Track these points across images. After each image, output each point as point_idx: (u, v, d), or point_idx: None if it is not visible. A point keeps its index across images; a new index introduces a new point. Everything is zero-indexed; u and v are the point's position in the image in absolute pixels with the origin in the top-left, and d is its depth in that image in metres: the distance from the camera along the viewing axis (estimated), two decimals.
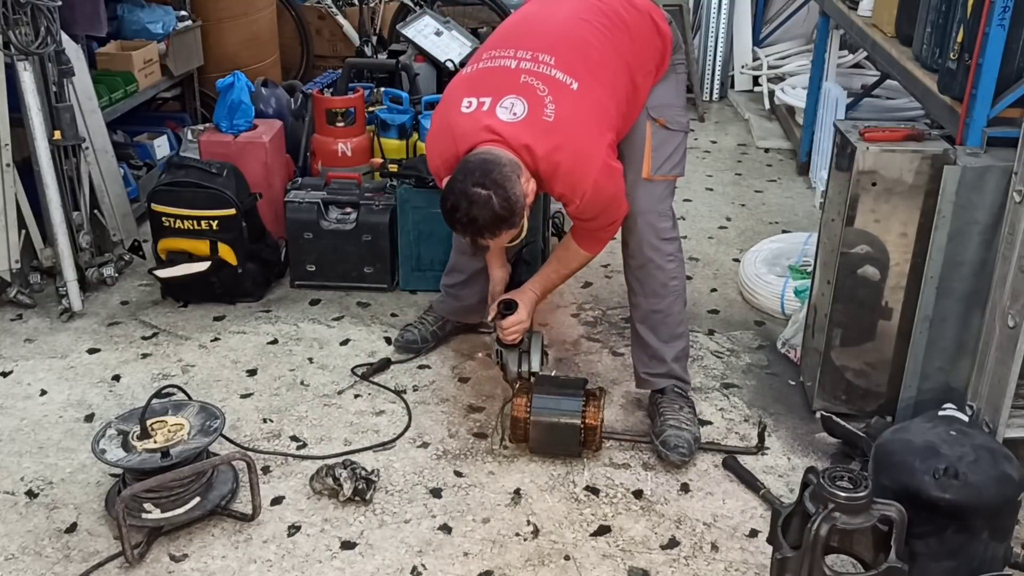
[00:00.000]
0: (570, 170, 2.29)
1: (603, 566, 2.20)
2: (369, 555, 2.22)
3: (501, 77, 2.32)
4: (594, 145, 2.31)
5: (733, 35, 6.02)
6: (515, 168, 2.24)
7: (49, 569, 2.18)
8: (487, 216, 2.21)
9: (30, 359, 3.03)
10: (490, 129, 2.26)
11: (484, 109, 2.29)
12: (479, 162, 2.24)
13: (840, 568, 1.99)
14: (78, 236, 3.34)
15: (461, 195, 2.22)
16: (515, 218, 2.25)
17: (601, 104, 2.33)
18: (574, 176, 2.30)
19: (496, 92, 2.30)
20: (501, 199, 2.20)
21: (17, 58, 3.05)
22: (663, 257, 2.57)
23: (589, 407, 2.47)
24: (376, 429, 2.68)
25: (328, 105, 3.74)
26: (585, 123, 2.30)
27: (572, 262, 2.63)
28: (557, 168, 2.28)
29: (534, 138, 2.25)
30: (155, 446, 2.21)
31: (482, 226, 2.24)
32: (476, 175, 2.21)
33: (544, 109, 2.26)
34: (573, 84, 2.29)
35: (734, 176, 4.72)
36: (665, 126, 2.52)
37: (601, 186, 2.33)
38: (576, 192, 2.32)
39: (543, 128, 2.25)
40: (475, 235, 2.28)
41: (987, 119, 2.31)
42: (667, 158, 2.53)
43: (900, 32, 3.16)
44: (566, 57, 2.32)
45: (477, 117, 2.29)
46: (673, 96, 2.57)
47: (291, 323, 3.26)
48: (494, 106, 2.28)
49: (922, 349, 2.45)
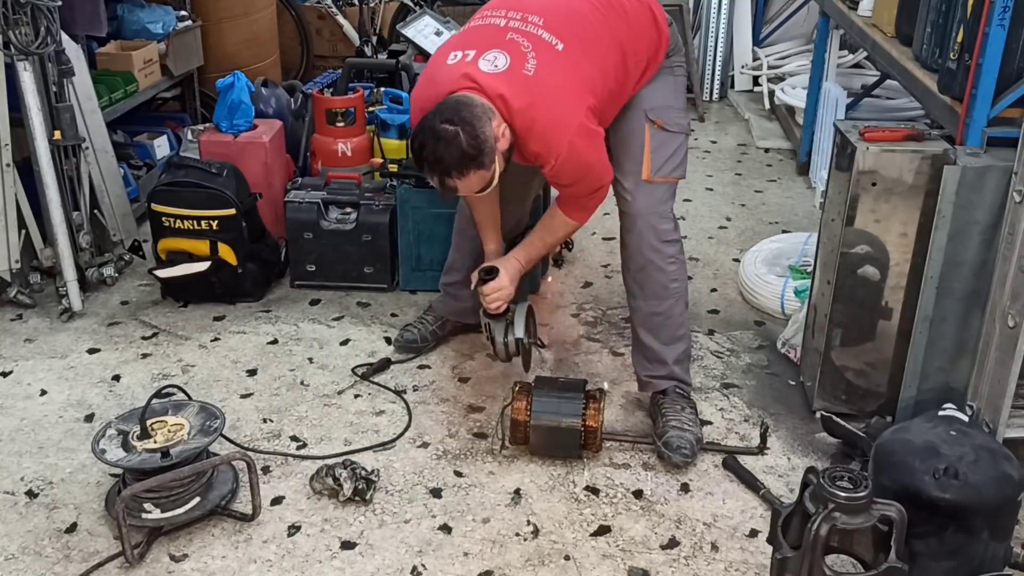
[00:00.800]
0: (545, 128, 2.29)
1: (603, 566, 2.20)
2: (369, 555, 2.22)
3: (489, 33, 2.36)
4: (572, 105, 2.30)
5: (733, 35, 6.02)
6: (487, 111, 2.24)
7: (49, 569, 2.18)
8: (454, 153, 2.21)
9: (30, 359, 3.03)
10: (468, 76, 2.27)
11: (467, 60, 2.30)
12: (451, 102, 2.25)
13: (840, 568, 1.99)
14: (78, 236, 3.34)
15: (429, 132, 2.23)
16: (483, 158, 2.24)
17: (584, 70, 2.33)
18: (549, 135, 2.29)
19: (481, 46, 2.32)
20: (469, 136, 2.20)
21: (17, 58, 3.05)
22: (664, 259, 2.57)
23: (589, 409, 2.47)
24: (376, 429, 2.68)
25: (328, 105, 3.74)
26: (565, 83, 2.30)
27: (558, 230, 2.61)
28: (532, 124, 2.28)
29: (511, 90, 2.26)
30: (155, 446, 2.21)
31: (449, 164, 2.23)
32: (445, 113, 2.22)
33: (525, 64, 2.27)
34: (559, 45, 2.31)
35: (734, 176, 4.72)
36: (663, 128, 2.51)
37: (577, 147, 2.31)
38: (551, 151, 2.31)
39: (522, 82, 2.26)
40: (442, 174, 2.27)
41: (987, 119, 2.31)
42: (667, 160, 2.53)
43: (900, 32, 3.16)
44: (556, 21, 2.34)
45: (459, 66, 2.31)
46: (672, 98, 2.56)
47: (291, 323, 3.26)
48: (477, 58, 2.30)
49: (922, 349, 2.45)
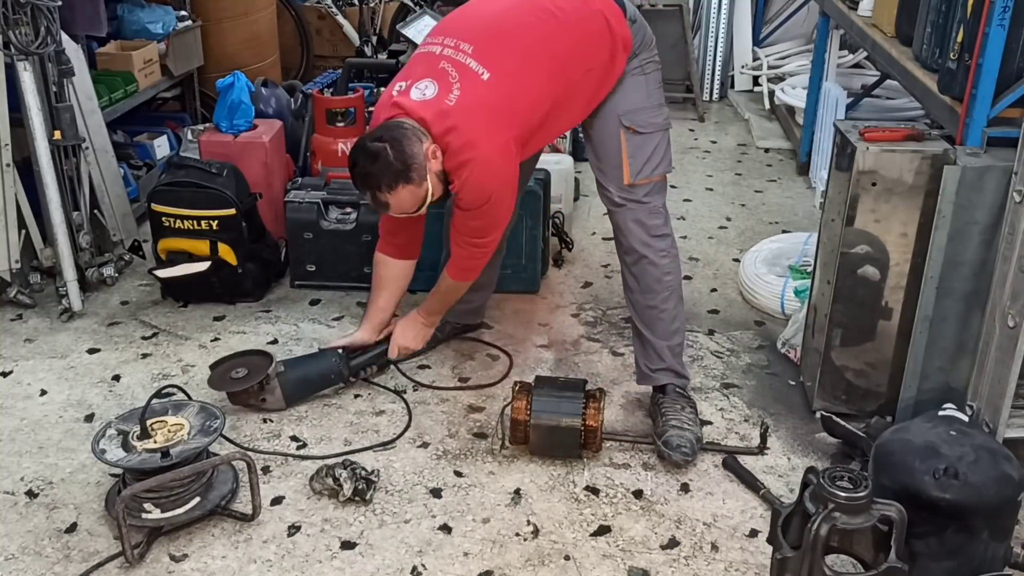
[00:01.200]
0: (457, 151, 2.37)
1: (603, 566, 2.20)
2: (369, 555, 2.22)
3: (425, 62, 2.44)
4: (486, 134, 2.37)
5: (733, 35, 6.02)
6: (416, 132, 2.36)
7: (49, 569, 2.18)
8: (381, 167, 2.34)
9: (30, 359, 3.03)
10: (397, 104, 2.41)
11: (402, 90, 2.42)
12: (383, 125, 2.40)
13: (840, 568, 1.99)
14: (78, 236, 3.34)
15: (360, 149, 2.39)
16: (411, 173, 2.35)
17: (509, 99, 2.38)
18: (460, 157, 2.37)
19: (416, 76, 2.42)
20: (396, 151, 2.32)
21: (17, 58, 3.05)
22: (656, 253, 2.59)
23: (589, 409, 2.47)
24: (376, 429, 2.68)
25: (328, 105, 3.74)
26: (483, 112, 2.37)
27: (448, 294, 2.78)
28: (448, 147, 2.37)
29: (432, 117, 2.36)
30: (155, 446, 2.21)
31: (378, 178, 2.36)
32: (376, 133, 2.39)
33: (449, 94, 2.36)
34: (484, 75, 2.36)
35: (734, 176, 4.73)
36: (637, 131, 2.52)
37: (481, 178, 2.39)
38: (458, 172, 2.39)
39: (441, 111, 2.35)
40: (373, 188, 2.40)
41: (987, 119, 2.31)
42: (646, 162, 2.53)
43: (900, 32, 3.16)
44: (485, 48, 2.39)
45: (393, 97, 2.43)
46: (643, 99, 2.54)
47: (291, 323, 3.26)
48: (410, 87, 2.41)
49: (922, 349, 2.45)
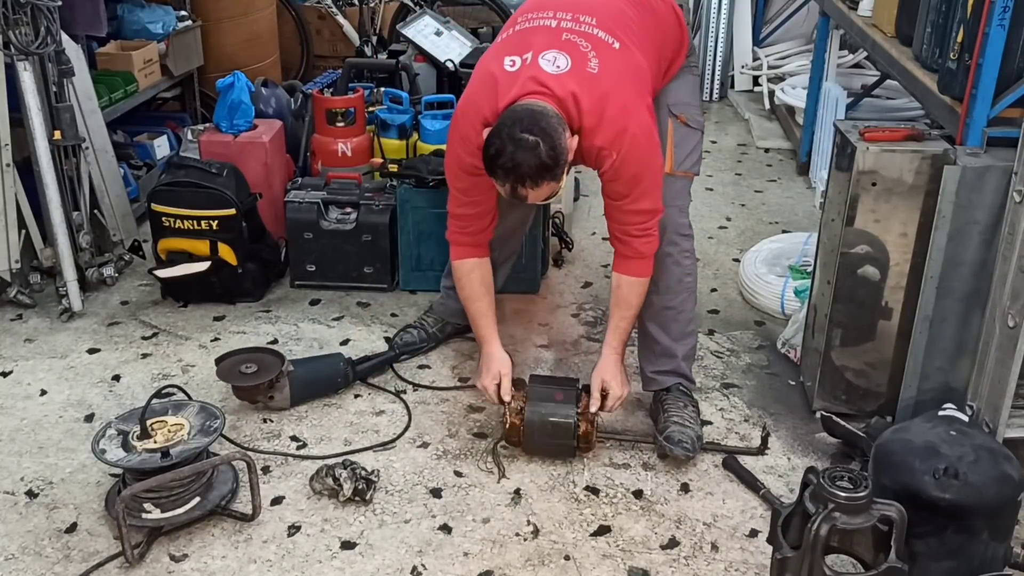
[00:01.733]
0: (614, 119, 2.27)
1: (603, 566, 2.20)
2: (369, 555, 2.22)
3: (542, 35, 2.33)
4: (636, 101, 2.32)
5: (733, 35, 6.02)
6: (561, 122, 2.23)
7: (49, 569, 2.18)
8: (533, 162, 2.19)
9: (30, 359, 3.03)
10: (535, 80, 2.25)
11: (527, 63, 2.28)
12: (526, 112, 2.22)
13: (840, 568, 1.99)
14: (78, 236, 3.34)
15: (508, 139, 2.19)
16: (558, 169, 2.23)
17: (640, 68, 2.36)
18: (617, 126, 2.28)
19: (538, 47, 2.29)
20: (548, 147, 2.19)
21: (17, 58, 3.05)
22: (681, 252, 2.59)
23: (583, 407, 2.47)
24: (376, 429, 2.68)
25: (328, 105, 3.74)
26: (629, 79, 2.32)
27: (632, 298, 2.54)
28: (602, 117, 2.26)
29: (580, 87, 2.25)
30: (155, 446, 2.21)
31: (525, 173, 2.21)
32: (524, 122, 2.19)
33: (588, 63, 2.27)
34: (615, 44, 2.32)
35: (734, 176, 4.73)
36: (686, 123, 2.56)
37: (638, 141, 2.31)
38: (615, 144, 2.29)
39: (588, 79, 2.25)
40: (517, 182, 2.24)
41: (987, 119, 2.31)
42: (688, 154, 2.57)
43: (900, 32, 3.16)
44: (606, 20, 2.35)
45: (520, 71, 2.28)
46: (690, 95, 2.63)
47: (291, 323, 3.26)
48: (536, 59, 2.27)
49: (922, 349, 2.45)
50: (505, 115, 2.24)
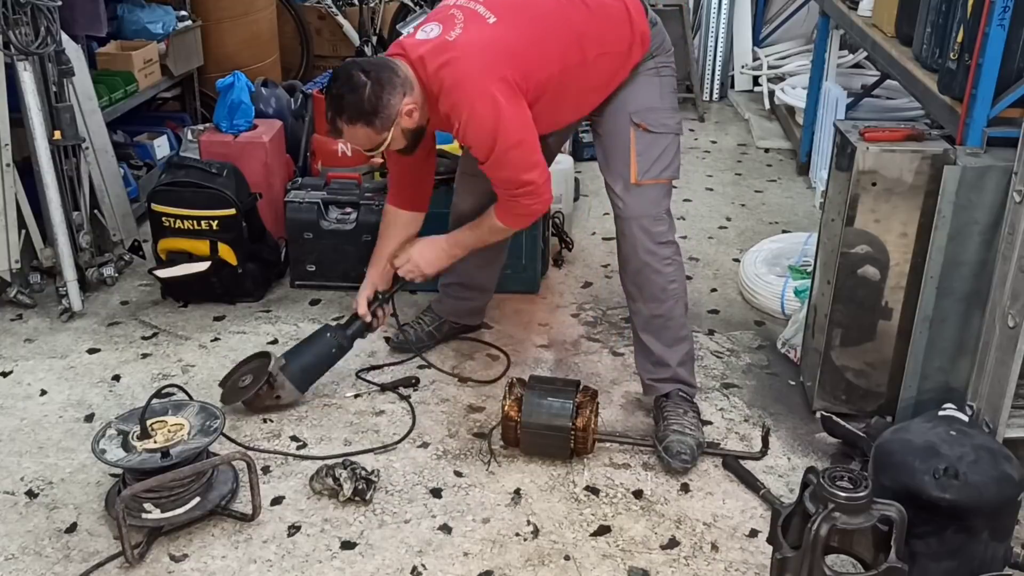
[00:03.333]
0: (451, 87, 2.34)
1: (603, 566, 2.20)
2: (369, 555, 2.22)
3: (437, 11, 2.47)
4: (484, 72, 2.33)
5: (733, 35, 6.02)
6: (405, 84, 2.36)
7: (49, 569, 2.18)
8: (353, 99, 2.34)
9: (30, 359, 3.03)
10: (399, 44, 2.44)
11: (409, 32, 2.46)
12: (378, 60, 2.45)
13: (840, 568, 1.99)
14: (78, 236, 3.34)
15: (344, 73, 2.37)
16: (376, 120, 2.35)
17: (511, 42, 2.37)
18: (454, 95, 2.34)
19: (427, 20, 2.45)
20: (373, 94, 2.32)
21: (17, 58, 3.05)
22: (659, 261, 2.55)
23: (581, 410, 2.47)
24: (376, 429, 2.68)
25: None
26: (483, 50, 2.34)
27: (484, 223, 2.61)
28: (442, 83, 2.34)
29: (429, 53, 2.35)
30: (155, 446, 2.21)
31: (344, 107, 2.36)
32: (367, 64, 2.39)
33: (451, 32, 2.35)
34: (490, 19, 2.37)
35: (734, 176, 4.73)
36: (648, 130, 2.50)
37: (478, 113, 2.32)
38: (455, 112, 2.35)
39: (440, 45, 2.34)
40: (336, 112, 2.39)
41: (987, 119, 2.31)
42: (654, 162, 2.51)
43: (900, 32, 3.16)
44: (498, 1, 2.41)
45: (401, 40, 2.46)
46: (656, 99, 2.54)
47: (291, 323, 3.26)
48: (416, 31, 2.43)
49: (922, 349, 2.45)
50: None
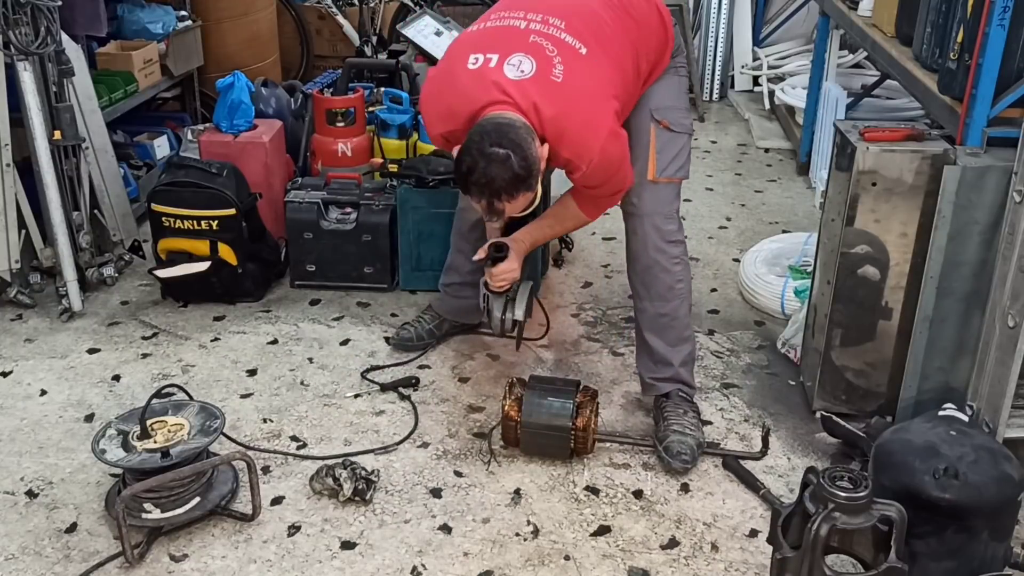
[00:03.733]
0: (578, 135, 2.26)
1: (603, 566, 2.20)
2: (369, 555, 2.22)
3: (510, 35, 2.29)
4: (601, 110, 2.28)
5: (733, 35, 6.02)
6: (529, 131, 2.21)
7: (49, 569, 2.18)
8: (506, 175, 2.17)
9: (30, 359, 3.03)
10: (498, 86, 2.22)
11: (491, 65, 2.24)
12: (494, 125, 2.20)
13: (840, 568, 1.99)
14: (78, 236, 3.34)
15: (479, 155, 2.17)
16: (531, 180, 2.22)
17: (608, 73, 2.32)
18: (581, 141, 2.26)
19: (504, 49, 2.25)
20: (520, 158, 2.17)
21: (17, 58, 3.05)
22: (669, 260, 2.56)
23: (581, 410, 2.47)
24: (376, 429, 2.68)
25: (328, 105, 3.74)
26: (593, 88, 2.28)
27: (568, 221, 2.60)
28: (564, 132, 2.25)
29: (542, 97, 2.22)
30: (155, 446, 2.21)
31: (500, 187, 2.19)
32: (493, 135, 2.17)
33: (553, 69, 2.23)
34: (582, 49, 2.27)
35: (734, 176, 4.73)
36: (668, 128, 2.51)
37: (608, 152, 2.29)
38: (583, 158, 2.28)
39: (551, 88, 2.22)
40: (492, 196, 2.22)
41: (987, 119, 2.31)
42: (671, 160, 2.52)
43: (900, 32, 3.16)
44: (576, 24, 2.31)
45: (484, 73, 2.24)
46: (675, 98, 2.56)
47: (291, 323, 3.26)
48: (501, 63, 2.23)
49: (922, 349, 2.45)
50: (473, 131, 2.22)
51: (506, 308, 2.64)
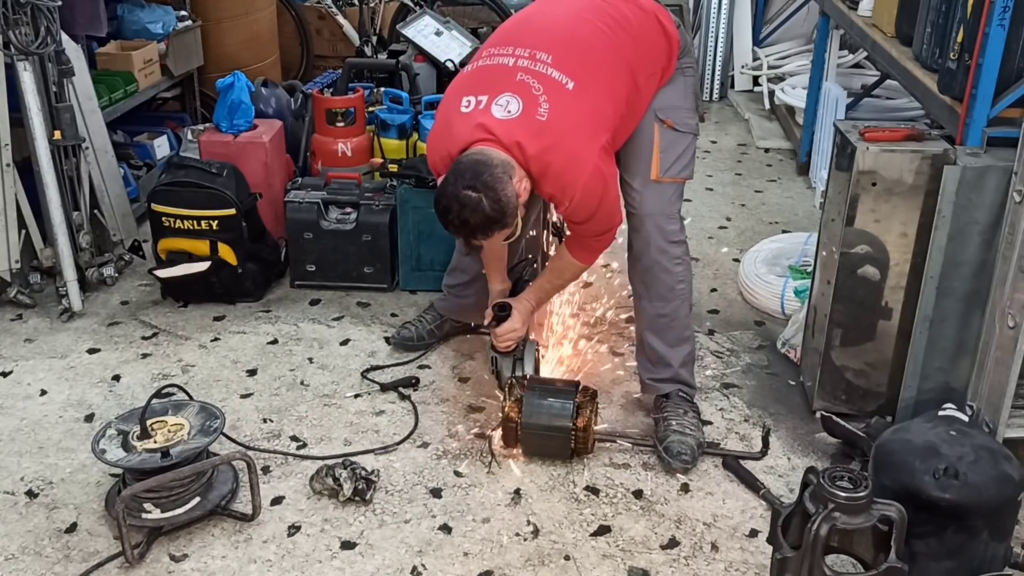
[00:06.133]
0: (560, 171, 2.30)
1: (603, 566, 2.20)
2: (369, 555, 2.22)
3: (498, 75, 2.34)
4: (586, 148, 2.31)
5: (733, 35, 6.02)
6: (507, 168, 2.25)
7: (49, 569, 2.18)
8: (478, 219, 2.25)
9: (30, 359, 3.03)
10: (483, 127, 2.28)
11: (480, 107, 2.30)
12: (470, 163, 2.26)
13: (840, 568, 1.99)
14: (78, 236, 3.34)
15: (452, 198, 2.25)
16: (506, 219, 2.28)
17: (597, 106, 2.33)
18: (564, 178, 2.31)
19: (492, 90, 2.31)
20: (492, 201, 2.22)
21: (17, 58, 3.05)
22: (670, 260, 2.56)
23: (580, 410, 2.47)
24: (376, 429, 2.68)
25: (328, 105, 3.74)
26: (578, 124, 2.31)
27: (565, 272, 2.64)
28: (547, 168, 2.30)
29: (526, 136, 2.26)
30: (155, 446, 2.21)
31: (474, 227, 2.28)
32: (467, 177, 2.24)
33: (538, 108, 2.27)
34: (569, 84, 2.29)
35: (734, 176, 4.73)
36: (673, 127, 2.51)
37: (590, 190, 2.33)
38: (565, 194, 2.33)
39: (535, 127, 2.26)
40: (468, 236, 2.33)
41: (987, 119, 2.31)
42: (675, 160, 2.52)
43: (900, 32, 3.16)
44: (564, 56, 2.32)
45: (473, 116, 2.30)
46: (680, 98, 2.55)
47: (291, 323, 3.26)
48: (490, 104, 2.29)
49: (922, 349, 2.45)
50: (451, 169, 2.29)
51: (515, 367, 2.67)
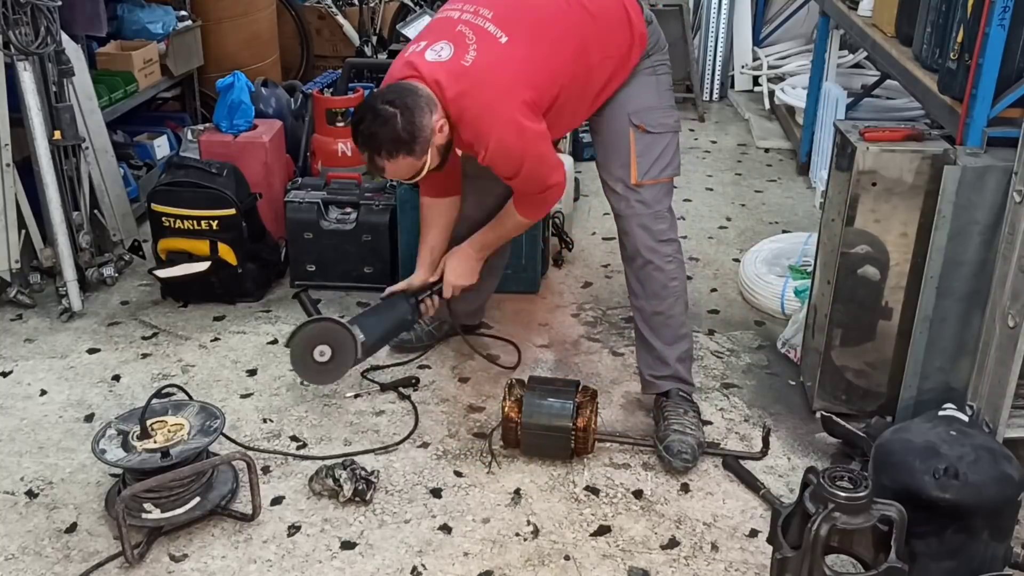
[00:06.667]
0: (475, 118, 2.34)
1: (603, 566, 2.20)
2: (369, 555, 2.22)
3: (441, 25, 2.42)
4: (504, 98, 2.33)
5: (733, 35, 6.02)
6: (429, 102, 2.31)
7: (49, 569, 2.18)
8: (387, 133, 2.29)
9: (30, 359, 3.03)
10: (411, 65, 2.36)
11: (417, 51, 2.38)
12: (397, 86, 2.35)
13: (840, 568, 1.99)
14: (78, 236, 3.34)
15: (369, 108, 2.33)
16: (415, 145, 2.31)
17: (528, 62, 2.36)
18: (479, 124, 2.34)
19: (432, 38, 2.40)
20: (406, 121, 2.28)
21: (17, 58, 3.05)
22: (662, 259, 2.57)
23: (581, 410, 2.47)
24: (376, 429, 2.68)
25: (328, 105, 3.74)
26: (501, 76, 2.34)
27: (507, 221, 2.66)
28: (463, 113, 2.34)
29: (447, 78, 2.31)
30: (155, 446, 2.21)
31: (381, 143, 2.32)
32: (388, 95, 2.32)
33: (465, 55, 2.32)
34: (503, 38, 2.34)
35: (734, 176, 4.73)
36: (647, 131, 2.51)
37: (505, 140, 2.34)
38: (480, 141, 2.36)
39: (458, 71, 2.32)
40: (373, 152, 2.35)
41: (987, 119, 2.31)
42: (654, 162, 2.52)
43: (900, 32, 3.16)
44: (504, 13, 2.38)
45: (408, 57, 2.40)
46: (654, 99, 2.55)
47: (291, 323, 3.25)
48: (426, 48, 2.37)
49: (922, 349, 2.45)
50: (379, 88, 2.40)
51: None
